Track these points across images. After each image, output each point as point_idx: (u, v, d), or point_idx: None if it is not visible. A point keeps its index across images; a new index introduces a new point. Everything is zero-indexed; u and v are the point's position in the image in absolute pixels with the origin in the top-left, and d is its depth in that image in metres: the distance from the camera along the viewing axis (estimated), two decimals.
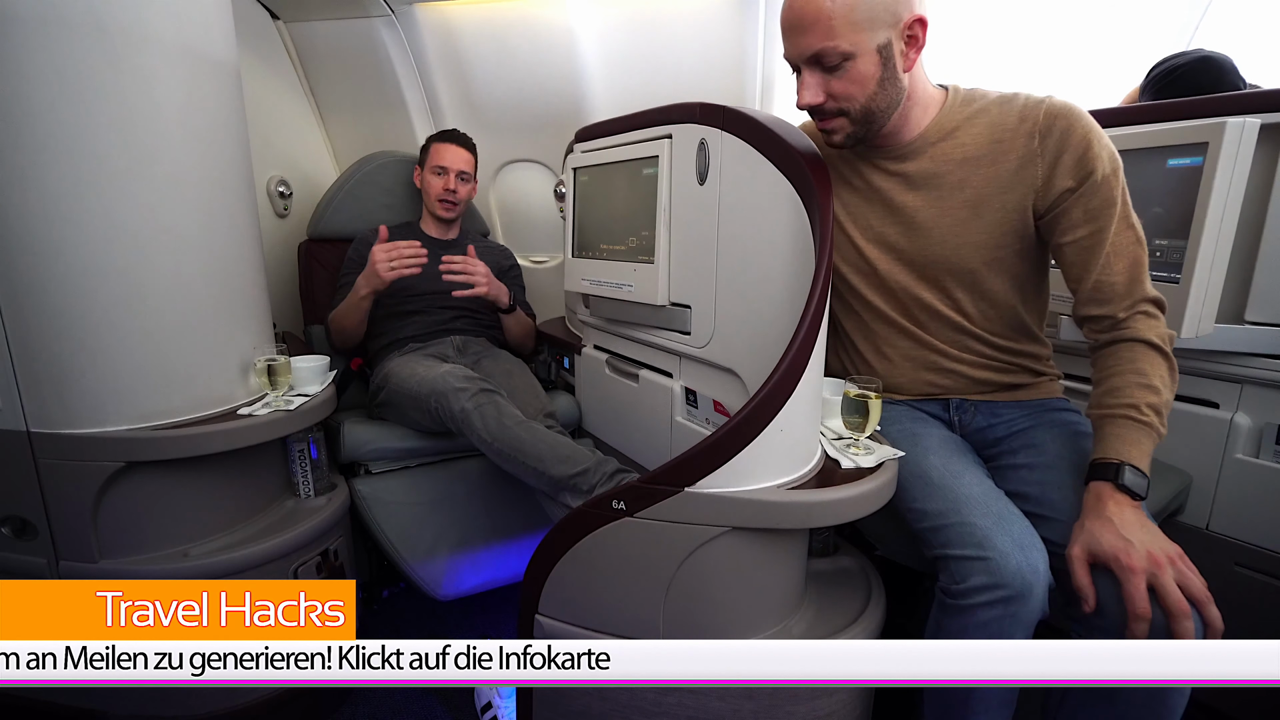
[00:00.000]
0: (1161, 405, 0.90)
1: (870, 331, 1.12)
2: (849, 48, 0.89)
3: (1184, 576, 0.78)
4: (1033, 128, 0.94)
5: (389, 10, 1.89)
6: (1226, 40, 1.71)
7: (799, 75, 0.95)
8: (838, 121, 0.97)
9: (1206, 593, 0.78)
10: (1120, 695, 0.85)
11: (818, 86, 0.94)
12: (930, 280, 1.04)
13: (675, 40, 1.93)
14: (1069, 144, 0.93)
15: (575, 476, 1.26)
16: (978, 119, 0.98)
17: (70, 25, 0.98)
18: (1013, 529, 0.88)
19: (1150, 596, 0.78)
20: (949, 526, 0.91)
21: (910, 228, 1.03)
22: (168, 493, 1.17)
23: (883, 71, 0.92)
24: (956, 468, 0.98)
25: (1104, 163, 0.92)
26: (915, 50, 0.93)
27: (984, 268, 1.01)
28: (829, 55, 0.90)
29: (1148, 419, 0.89)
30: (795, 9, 0.91)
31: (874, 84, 0.92)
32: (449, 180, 1.77)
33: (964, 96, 1.01)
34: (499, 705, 1.30)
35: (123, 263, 1.07)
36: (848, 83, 0.92)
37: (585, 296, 1.47)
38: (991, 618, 0.85)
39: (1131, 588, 0.78)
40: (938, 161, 1.00)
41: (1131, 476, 0.86)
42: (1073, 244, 0.96)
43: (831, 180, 1.04)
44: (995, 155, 0.97)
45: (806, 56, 0.92)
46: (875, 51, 0.90)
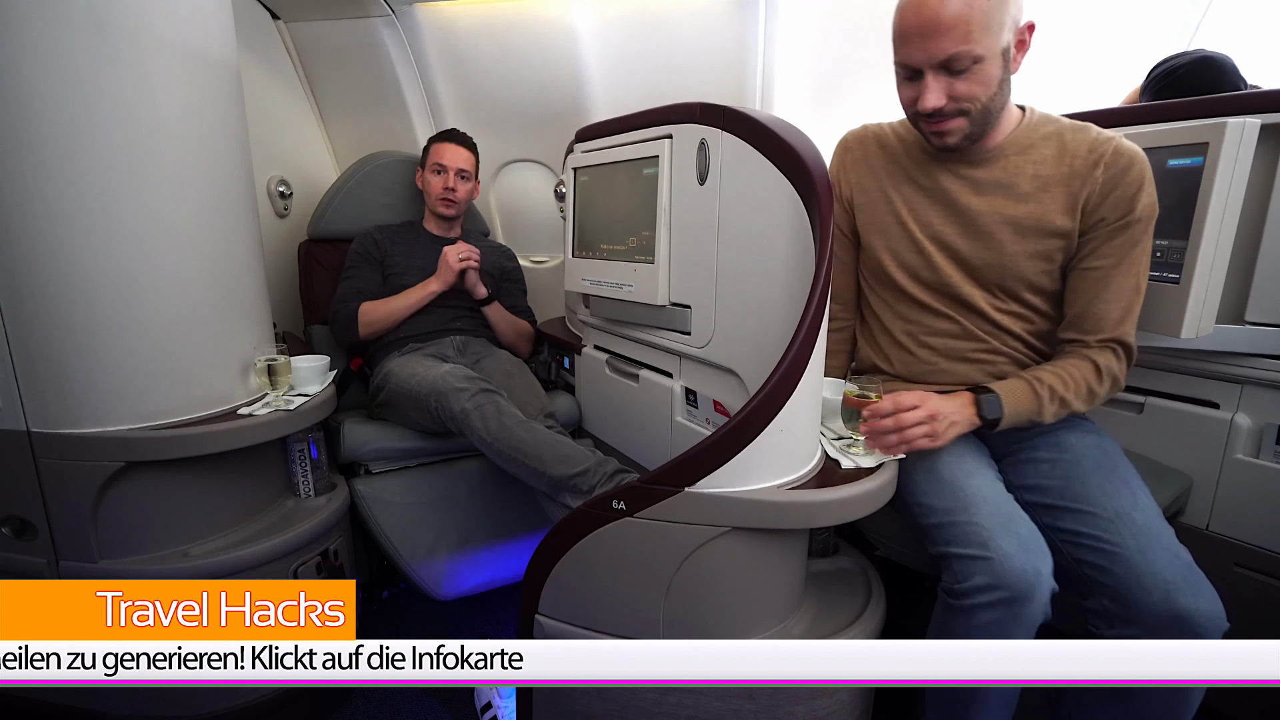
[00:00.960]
0: (1063, 397, 0.99)
1: (913, 322, 1.15)
2: (981, 51, 0.91)
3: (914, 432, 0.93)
4: (1099, 159, 0.98)
5: (389, 10, 1.89)
6: (1227, 40, 1.71)
7: (917, 79, 0.96)
8: (956, 123, 0.98)
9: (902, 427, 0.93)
10: (1134, 695, 0.86)
11: (942, 90, 0.95)
12: (980, 281, 1.08)
13: (676, 40, 1.93)
14: (1124, 181, 0.97)
15: (575, 476, 1.26)
16: (1051, 141, 1.02)
17: (70, 24, 0.98)
18: (1019, 531, 0.89)
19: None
20: (954, 524, 0.91)
21: (970, 231, 1.06)
22: (168, 493, 1.17)
23: (1004, 73, 0.95)
24: (969, 467, 0.99)
25: (1145, 209, 0.97)
26: (1023, 53, 0.97)
27: (1032, 278, 1.05)
28: (962, 59, 0.91)
29: (1041, 393, 0.99)
30: (930, 14, 0.90)
31: (996, 85, 0.95)
32: (448, 179, 1.77)
33: (1040, 118, 1.05)
34: (499, 705, 1.30)
35: (122, 263, 1.07)
36: (973, 84, 0.94)
37: (585, 296, 1.47)
38: (993, 619, 0.85)
39: (886, 403, 0.94)
40: (1010, 173, 1.03)
41: (990, 403, 0.98)
42: (1085, 271, 1.01)
43: (897, 178, 1.11)
44: (1062, 178, 1.00)
45: (938, 61, 0.92)
46: (1000, 54, 0.93)
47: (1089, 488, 0.96)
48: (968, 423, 0.97)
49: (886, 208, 1.13)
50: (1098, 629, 0.90)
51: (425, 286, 1.70)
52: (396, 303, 1.70)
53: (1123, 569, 0.87)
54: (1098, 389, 1.00)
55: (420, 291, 1.70)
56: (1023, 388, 0.99)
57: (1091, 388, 1.00)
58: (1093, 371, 1.00)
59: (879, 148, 1.15)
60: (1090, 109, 1.35)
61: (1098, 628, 0.90)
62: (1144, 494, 0.95)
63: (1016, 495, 1.03)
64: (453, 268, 1.68)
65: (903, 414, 0.92)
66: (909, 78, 0.98)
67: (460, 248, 1.70)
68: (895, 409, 0.92)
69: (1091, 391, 1.00)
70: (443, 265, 1.70)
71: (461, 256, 1.68)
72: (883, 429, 0.93)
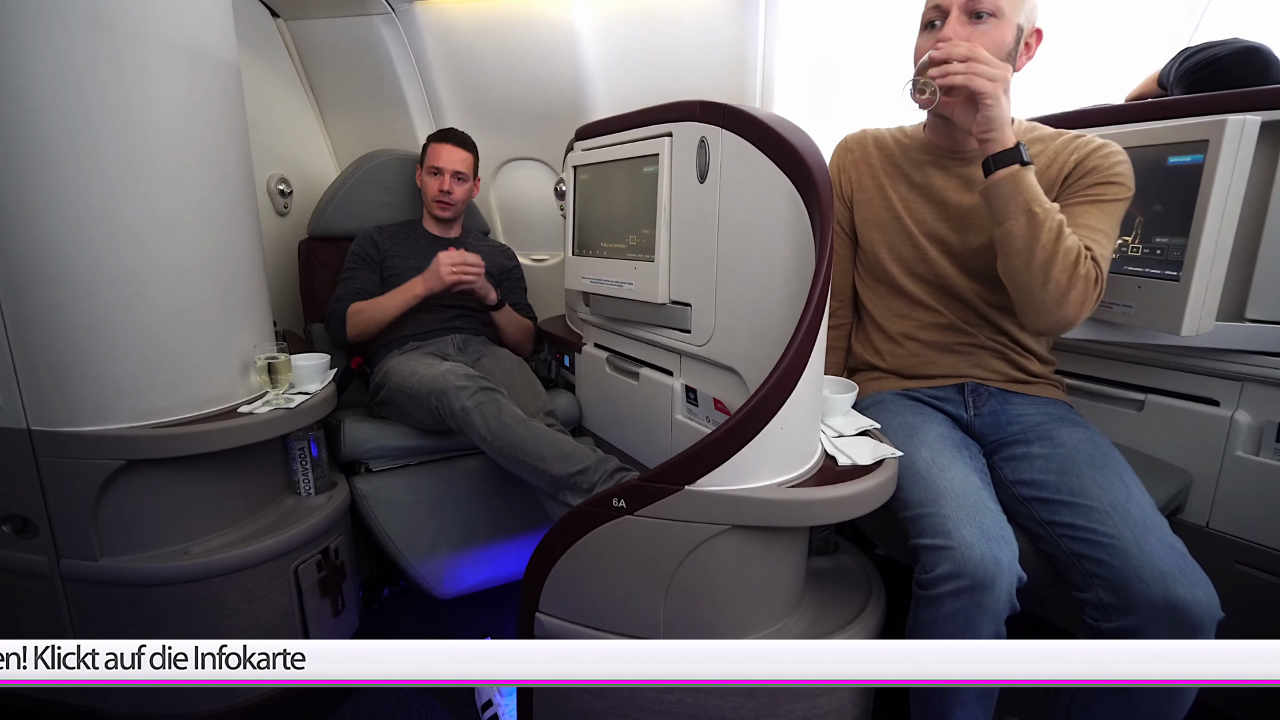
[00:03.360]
0: (1064, 231, 0.96)
1: (904, 317, 1.19)
2: (1005, 6, 0.99)
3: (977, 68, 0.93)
4: (1076, 148, 1.06)
5: (389, 8, 1.89)
6: (1227, 36, 1.70)
7: (936, 26, 1.03)
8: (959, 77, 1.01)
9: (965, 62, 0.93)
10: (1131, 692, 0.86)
11: (962, 33, 1.00)
12: (972, 274, 1.13)
13: (676, 38, 1.93)
14: (1098, 155, 1.04)
15: (575, 475, 1.26)
16: (1035, 145, 1.09)
17: (70, 22, 0.98)
18: (982, 521, 0.90)
19: None
20: (924, 516, 0.94)
21: (961, 226, 1.13)
22: (168, 491, 1.17)
23: (1012, 49, 1.02)
24: (944, 460, 1.01)
25: (1121, 178, 1.03)
26: (1027, 56, 1.05)
27: None
28: (986, 1, 0.98)
29: (1050, 207, 0.96)
30: None
31: (1003, 54, 1.01)
32: (444, 181, 1.77)
33: (1026, 125, 1.14)
34: (499, 704, 1.31)
35: (123, 261, 1.07)
36: (987, 39, 0.99)
37: (585, 295, 1.47)
38: (958, 608, 0.87)
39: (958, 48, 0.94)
40: None
41: (1026, 152, 0.96)
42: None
43: (894, 177, 1.18)
44: (1042, 168, 1.06)
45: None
46: (1015, 28, 1.01)
47: (1084, 481, 0.97)
48: (1005, 122, 0.96)
49: (884, 204, 1.18)
50: (1094, 620, 0.90)
51: (411, 289, 1.65)
52: (382, 303, 1.67)
53: (1120, 560, 0.88)
54: (1080, 265, 0.96)
55: (405, 294, 1.65)
56: (1040, 189, 0.97)
57: (1079, 254, 0.96)
58: (1083, 248, 0.97)
59: (877, 149, 1.21)
60: (1090, 107, 1.35)
61: (1094, 619, 0.90)
62: (1137, 486, 0.97)
63: (1012, 490, 1.05)
64: (444, 280, 1.62)
65: (975, 60, 0.93)
66: (930, 25, 1.05)
67: (455, 257, 1.63)
68: (969, 54, 0.94)
69: (1078, 257, 0.96)
70: (433, 271, 1.63)
71: (455, 267, 1.61)
72: (953, 70, 0.94)
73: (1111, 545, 0.89)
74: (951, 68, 0.94)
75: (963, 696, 0.94)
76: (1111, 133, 1.19)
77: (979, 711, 0.95)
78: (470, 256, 1.65)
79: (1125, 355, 1.31)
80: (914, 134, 1.20)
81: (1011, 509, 1.03)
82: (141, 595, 1.16)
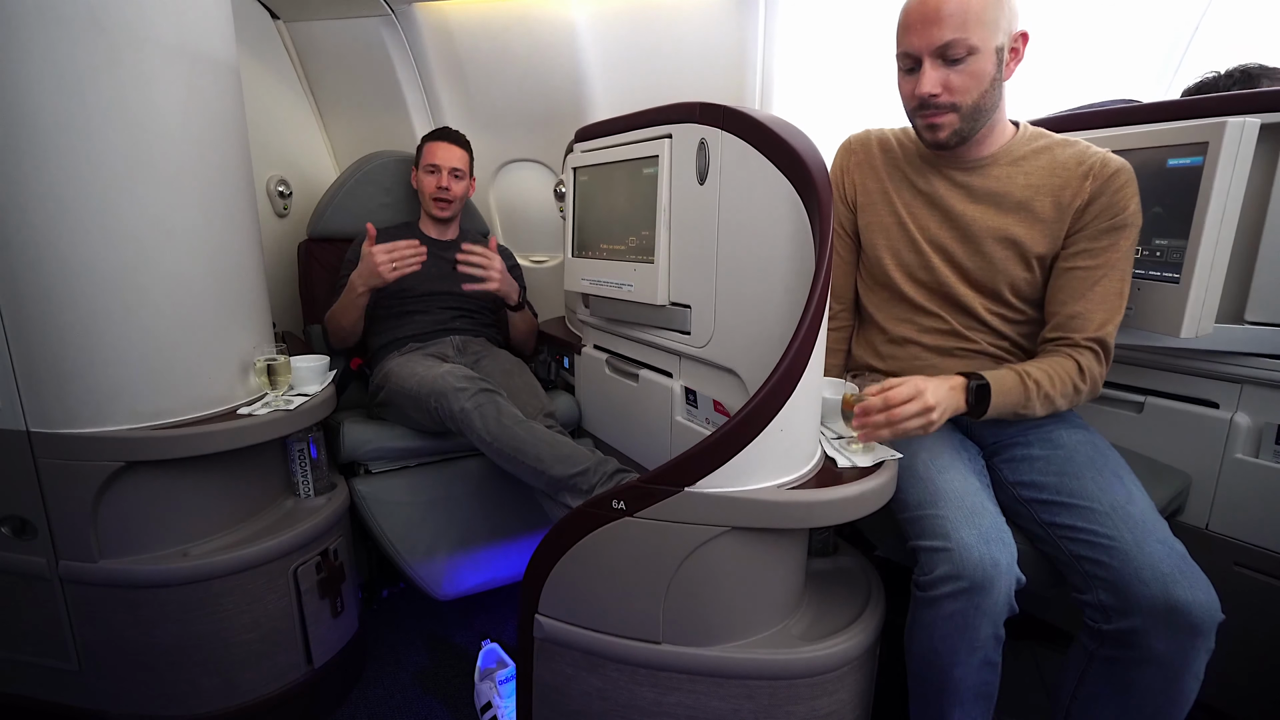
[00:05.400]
0: (1049, 393, 1.00)
1: (906, 321, 1.18)
2: (977, 42, 0.96)
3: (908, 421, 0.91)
4: (1088, 170, 1.02)
5: (389, 10, 1.89)
6: (1227, 39, 1.71)
7: (915, 70, 1.01)
8: (948, 117, 1.01)
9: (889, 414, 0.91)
10: (1133, 687, 0.87)
11: (938, 79, 0.99)
12: (973, 284, 1.12)
13: (675, 39, 1.93)
14: (1111, 188, 1.01)
15: (575, 476, 1.26)
16: (1043, 155, 1.06)
17: (69, 24, 0.98)
18: (981, 523, 0.91)
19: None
20: (922, 518, 0.94)
21: (965, 236, 1.11)
22: (167, 492, 1.17)
23: (996, 72, 0.99)
24: (943, 462, 1.02)
25: (1132, 215, 1.01)
26: (1015, 61, 1.02)
27: (1019, 285, 1.09)
28: (957, 47, 0.96)
29: (1029, 386, 0.99)
30: (932, 4, 0.96)
31: (988, 82, 0.99)
32: (441, 178, 1.77)
33: (1033, 133, 1.10)
34: (499, 705, 1.30)
35: (122, 262, 1.07)
36: (966, 77, 0.98)
37: (585, 296, 1.47)
38: (956, 610, 0.88)
39: (875, 400, 0.92)
40: (1002, 182, 1.07)
41: (980, 391, 0.97)
42: (1071, 271, 1.04)
43: (898, 180, 1.16)
44: (1053, 189, 1.04)
45: (935, 47, 0.97)
46: (994, 51, 0.98)
47: (1084, 482, 0.98)
48: (955, 408, 0.97)
49: (888, 209, 1.17)
50: (1095, 622, 0.91)
51: (351, 288, 1.59)
52: (336, 308, 1.65)
53: (1120, 562, 0.88)
54: (1081, 387, 1.02)
55: (349, 294, 1.60)
56: (1013, 379, 1.00)
57: (1076, 385, 1.01)
58: (1076, 370, 1.02)
59: (881, 151, 1.19)
60: (1089, 108, 1.35)
61: (1095, 621, 0.91)
62: (1136, 487, 0.97)
63: (1012, 492, 1.05)
64: (384, 277, 1.53)
65: (895, 409, 0.91)
66: (909, 70, 1.02)
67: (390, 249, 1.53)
68: (885, 404, 0.92)
69: (1076, 389, 1.02)
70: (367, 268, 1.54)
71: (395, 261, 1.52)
72: (874, 423, 0.93)
73: (1111, 547, 0.89)
74: (873, 419, 0.92)
75: (962, 697, 0.94)
76: (1111, 135, 1.19)
77: (978, 712, 0.95)
78: (495, 258, 1.63)
79: (1125, 357, 1.31)
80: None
81: (1011, 510, 1.04)
82: (140, 597, 1.16)
